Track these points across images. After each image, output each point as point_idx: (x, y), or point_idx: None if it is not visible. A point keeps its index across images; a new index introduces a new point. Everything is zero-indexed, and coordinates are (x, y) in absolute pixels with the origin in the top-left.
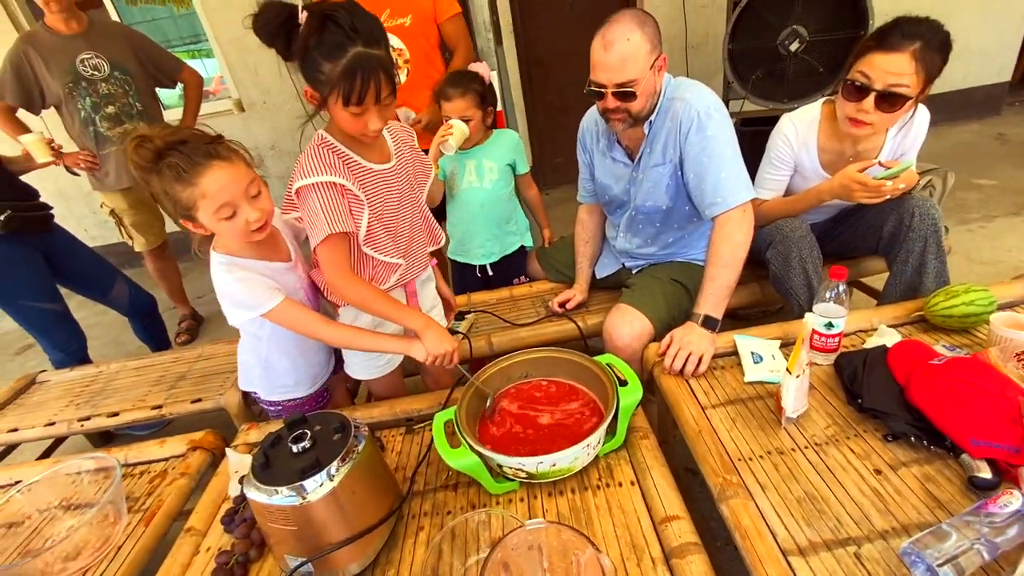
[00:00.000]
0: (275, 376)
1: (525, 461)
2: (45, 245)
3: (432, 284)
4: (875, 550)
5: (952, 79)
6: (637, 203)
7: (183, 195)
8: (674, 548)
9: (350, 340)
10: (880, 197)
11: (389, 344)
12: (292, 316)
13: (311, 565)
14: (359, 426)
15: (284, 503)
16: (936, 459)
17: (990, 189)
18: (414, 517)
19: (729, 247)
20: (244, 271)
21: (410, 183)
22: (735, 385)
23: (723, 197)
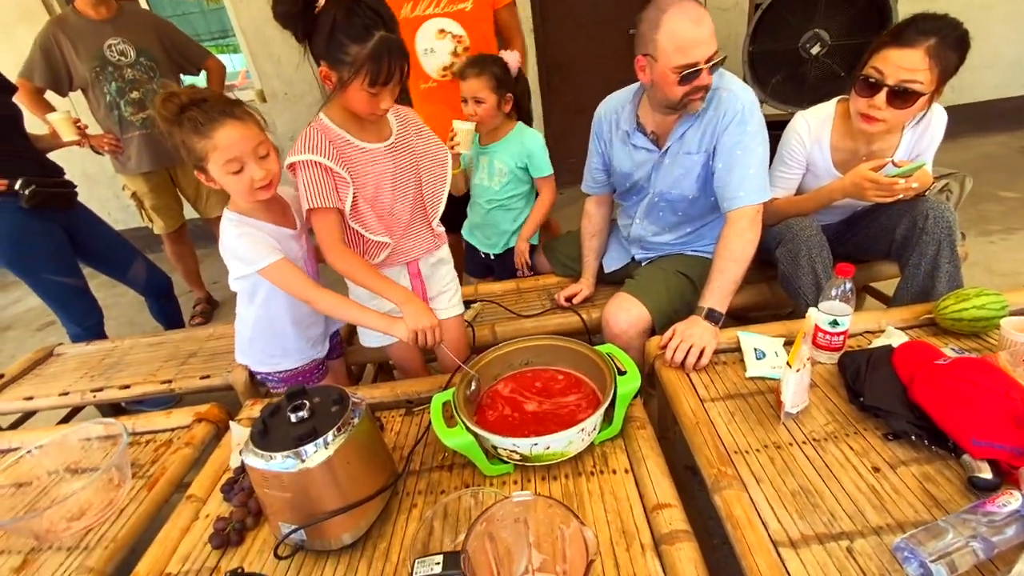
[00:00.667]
0: (266, 344)
1: (519, 443)
2: (68, 222)
3: (445, 268)
4: (868, 545)
5: (981, 89)
6: (660, 190)
7: (198, 146)
8: (664, 535)
9: (338, 309)
10: (893, 196)
11: (373, 320)
12: (286, 276)
13: (304, 533)
14: (358, 401)
15: (280, 469)
16: (936, 459)
17: (1013, 202)
18: (408, 494)
19: (741, 243)
20: (250, 228)
21: (411, 163)
22: (736, 380)
23: (746, 192)
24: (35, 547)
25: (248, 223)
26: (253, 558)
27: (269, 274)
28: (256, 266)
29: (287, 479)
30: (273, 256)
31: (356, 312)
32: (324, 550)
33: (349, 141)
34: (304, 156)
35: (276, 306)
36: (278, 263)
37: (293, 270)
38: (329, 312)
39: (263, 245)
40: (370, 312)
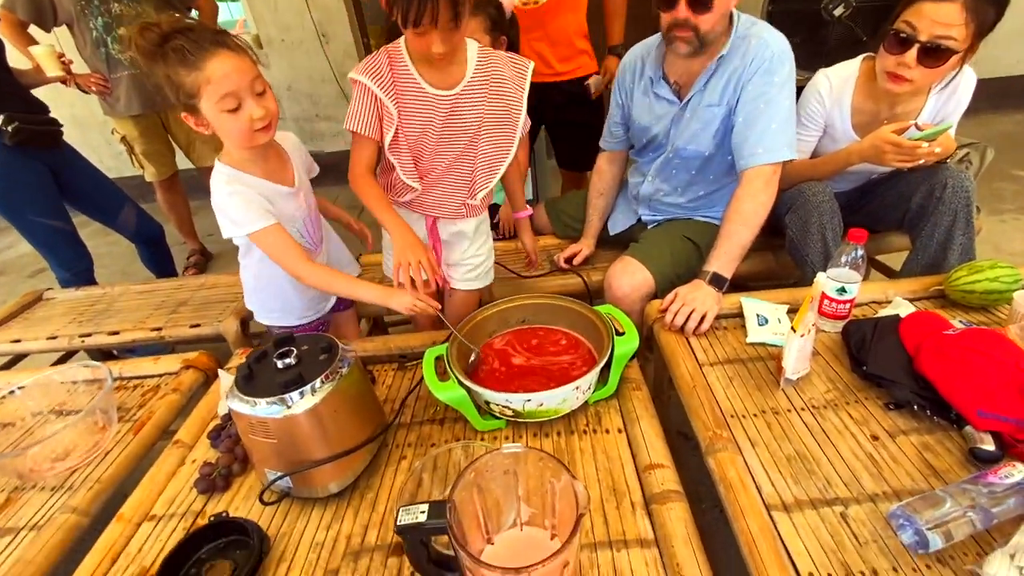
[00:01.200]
0: (265, 298)
1: (512, 398)
2: (53, 161)
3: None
4: (862, 512)
5: (1004, 64)
6: (678, 145)
7: (187, 80)
8: (655, 494)
9: (327, 283)
10: (913, 161)
11: (366, 291)
12: (275, 244)
13: (290, 480)
14: (347, 350)
15: (265, 414)
16: (937, 430)
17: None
18: (398, 446)
19: (753, 205)
20: (242, 186)
21: (470, 121)
22: (736, 346)
23: (765, 148)
24: (18, 486)
25: (241, 179)
26: (239, 503)
27: (258, 239)
28: (245, 229)
29: (272, 425)
30: (264, 221)
31: (348, 285)
32: (310, 498)
33: (412, 77)
34: (358, 76)
35: (273, 264)
36: (269, 229)
37: (284, 239)
38: (318, 286)
39: (255, 207)
40: (362, 283)
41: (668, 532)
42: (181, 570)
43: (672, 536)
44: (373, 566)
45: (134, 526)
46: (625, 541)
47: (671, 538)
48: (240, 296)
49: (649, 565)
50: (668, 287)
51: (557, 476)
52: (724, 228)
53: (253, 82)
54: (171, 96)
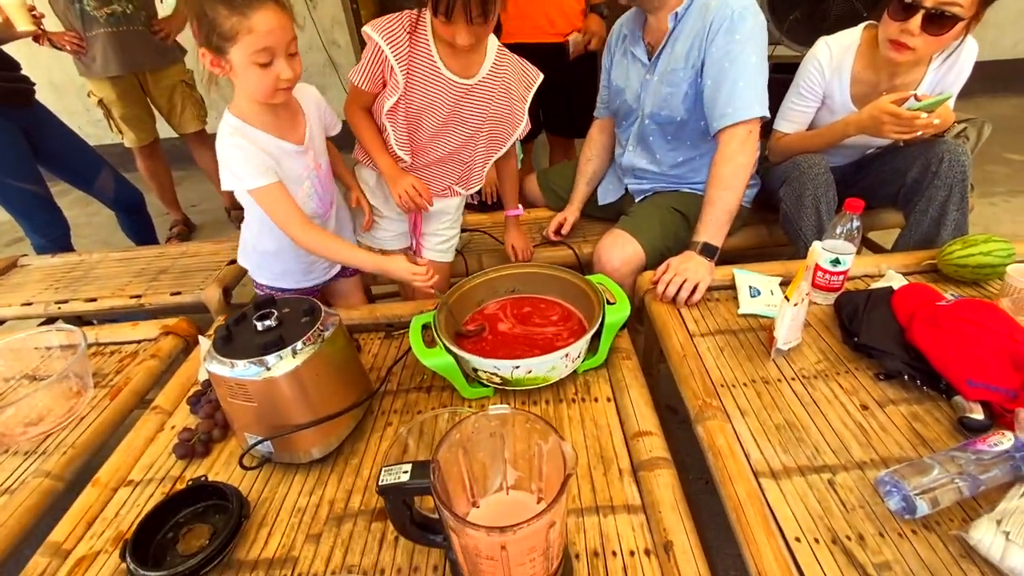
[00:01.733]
0: (262, 259)
1: (500, 364)
2: (26, 121)
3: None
4: (850, 479)
5: (1000, 47)
6: (649, 111)
7: (227, 22)
8: (643, 461)
9: (324, 248)
10: (911, 132)
11: (364, 259)
12: (274, 203)
13: (271, 445)
14: (331, 314)
15: (243, 376)
16: (926, 400)
17: (1020, 165)
18: (384, 413)
19: (731, 168)
20: (245, 140)
21: (474, 117)
22: (728, 317)
23: (734, 108)
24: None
25: (245, 132)
26: (219, 469)
27: (257, 196)
28: (244, 184)
29: (252, 388)
30: (265, 178)
31: (346, 252)
32: (293, 463)
33: (430, 55)
34: (374, 34)
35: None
36: (270, 187)
37: (284, 199)
38: (315, 251)
39: (257, 163)
40: (360, 251)
41: (655, 498)
42: (158, 534)
43: (659, 502)
44: (356, 530)
45: (110, 491)
46: (612, 507)
47: (658, 504)
48: (222, 264)
49: (636, 530)
50: (658, 260)
51: (544, 438)
52: (707, 195)
53: (290, 43)
54: (200, 30)
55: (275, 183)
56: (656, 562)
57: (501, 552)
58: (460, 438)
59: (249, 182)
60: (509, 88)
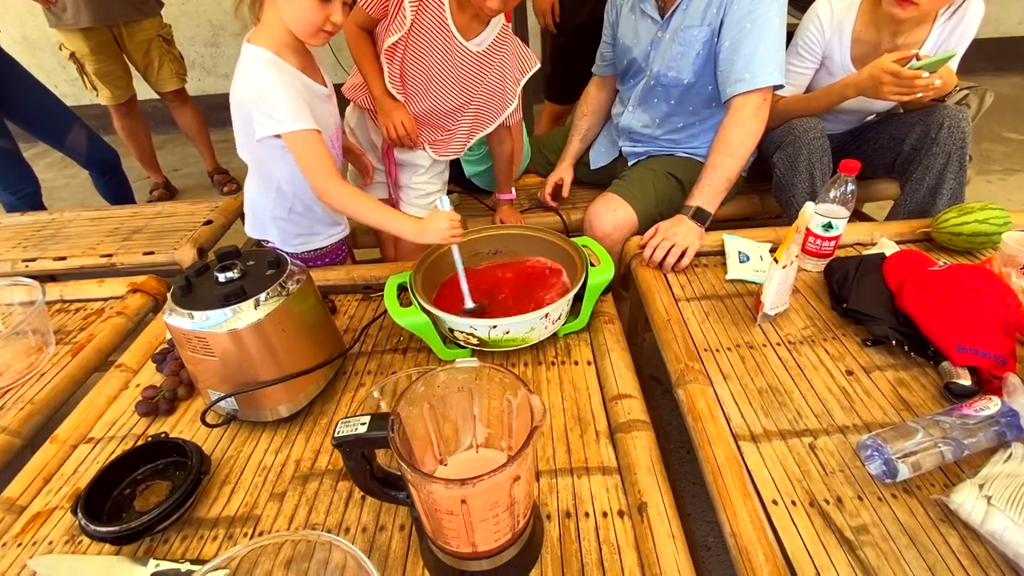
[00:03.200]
0: (290, 221)
1: (477, 324)
2: None
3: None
4: (831, 443)
5: (1006, 24)
6: (657, 71)
7: None
8: (621, 423)
9: (354, 206)
10: (912, 93)
11: (400, 223)
12: (312, 152)
13: (235, 402)
14: (299, 268)
15: (204, 328)
16: (913, 366)
17: (1017, 144)
18: (357, 374)
19: (740, 135)
20: (290, 76)
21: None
22: (715, 282)
23: (752, 73)
24: None
25: (282, 67)
26: (183, 427)
27: (295, 142)
28: (284, 126)
29: (212, 342)
30: (306, 121)
31: (379, 212)
32: (259, 421)
33: (442, 6)
34: None
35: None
36: (310, 133)
37: (322, 147)
38: (344, 209)
39: (299, 102)
40: (395, 212)
41: (632, 460)
42: (115, 490)
43: (635, 464)
44: (322, 489)
45: (69, 448)
46: (587, 468)
47: (634, 466)
48: (198, 225)
49: (610, 491)
50: (651, 225)
51: (514, 392)
52: (709, 160)
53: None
54: None
55: (315, 128)
56: (629, 523)
57: (461, 506)
58: (426, 391)
59: (292, 124)
60: (505, 65)
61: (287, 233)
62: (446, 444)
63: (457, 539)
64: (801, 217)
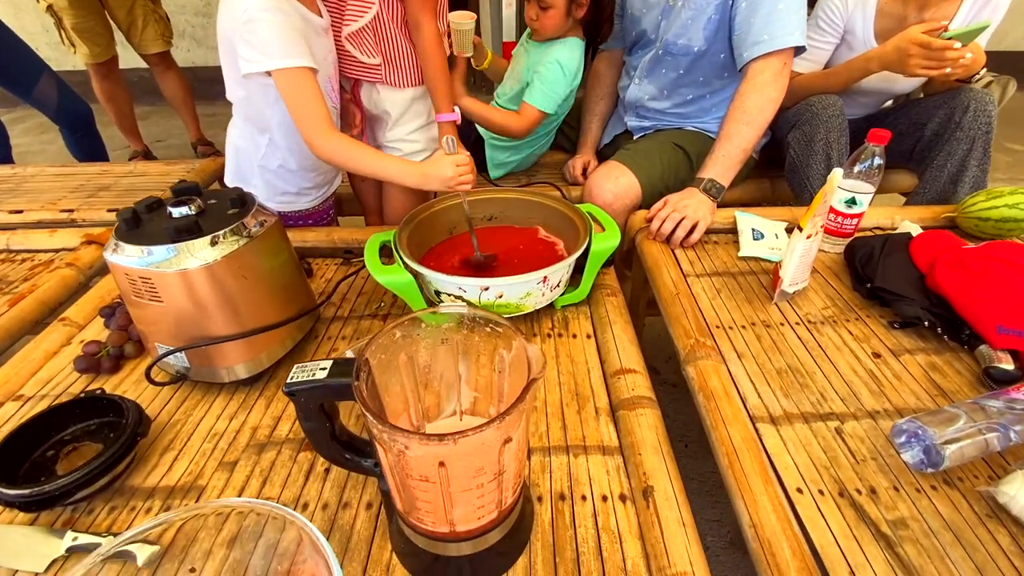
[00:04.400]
0: (279, 175)
1: (467, 284)
2: None
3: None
4: (860, 428)
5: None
6: (667, 39)
7: None
8: (624, 400)
9: (347, 156)
10: (940, 67)
11: (400, 169)
12: (303, 93)
13: (186, 359)
14: (266, 210)
15: (148, 265)
16: (946, 350)
17: (1020, 154)
18: (330, 339)
19: (758, 101)
20: (279, 1)
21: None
22: (726, 260)
23: (771, 35)
24: None
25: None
26: (127, 388)
27: (284, 81)
28: (271, 62)
29: (160, 283)
30: (301, 58)
31: (375, 160)
32: (214, 382)
33: None
34: None
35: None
36: (304, 71)
37: (314, 89)
38: (335, 160)
39: (291, 36)
40: (393, 158)
41: (636, 439)
42: (37, 451)
43: (640, 444)
44: (280, 460)
45: None
46: (585, 447)
47: (639, 446)
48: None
49: (611, 473)
50: (655, 197)
51: (507, 344)
52: (724, 129)
53: None
54: None
55: (308, 67)
56: (632, 509)
57: (439, 471)
58: (403, 340)
59: (279, 60)
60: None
61: (273, 188)
62: (426, 407)
63: (433, 514)
64: (829, 183)
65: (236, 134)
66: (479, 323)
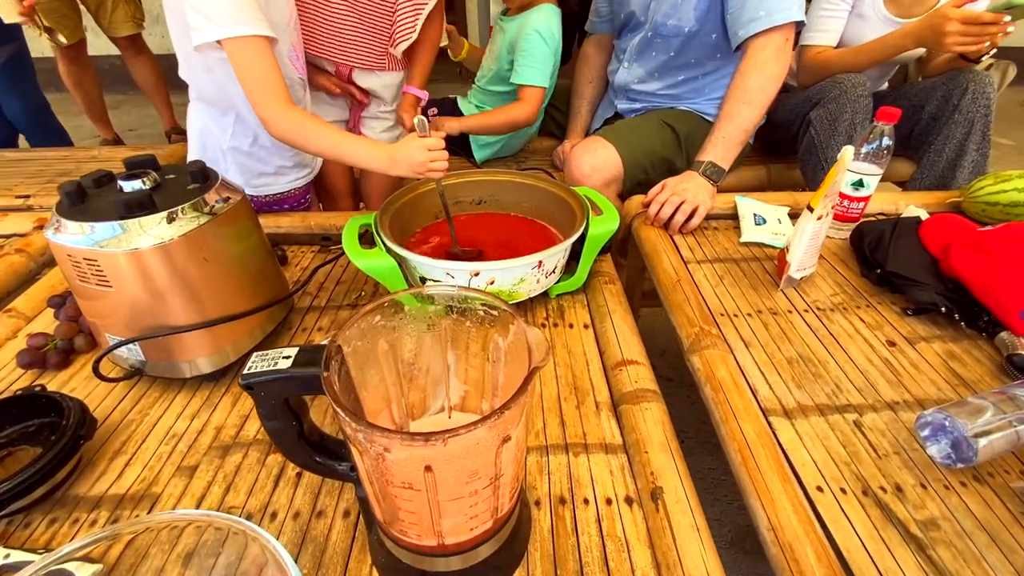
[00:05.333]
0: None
1: (455, 268)
2: None
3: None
4: (880, 420)
5: None
6: (656, 21)
7: None
8: (626, 393)
9: (303, 134)
10: (978, 43)
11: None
12: (256, 64)
13: (140, 351)
14: (232, 186)
15: (92, 246)
16: (963, 338)
17: (1006, 148)
18: (305, 330)
19: (759, 80)
20: None
21: None
22: (728, 246)
23: (768, 10)
24: None
25: None
26: (77, 385)
27: (235, 50)
28: (220, 30)
29: (107, 266)
30: (255, 26)
31: (340, 140)
32: (174, 377)
33: None
34: None
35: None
36: (255, 41)
37: (268, 60)
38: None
39: (250, 5)
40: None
41: (641, 436)
42: None
43: (646, 440)
44: (246, 463)
45: None
46: (585, 445)
47: (644, 443)
48: None
49: (615, 473)
50: (638, 173)
51: (504, 330)
52: (724, 109)
53: None
54: None
55: (263, 36)
56: (640, 513)
57: (425, 476)
58: (383, 324)
59: (228, 27)
60: None
61: (248, 171)
62: (410, 404)
63: (418, 526)
64: (841, 161)
65: (197, 118)
66: (471, 305)
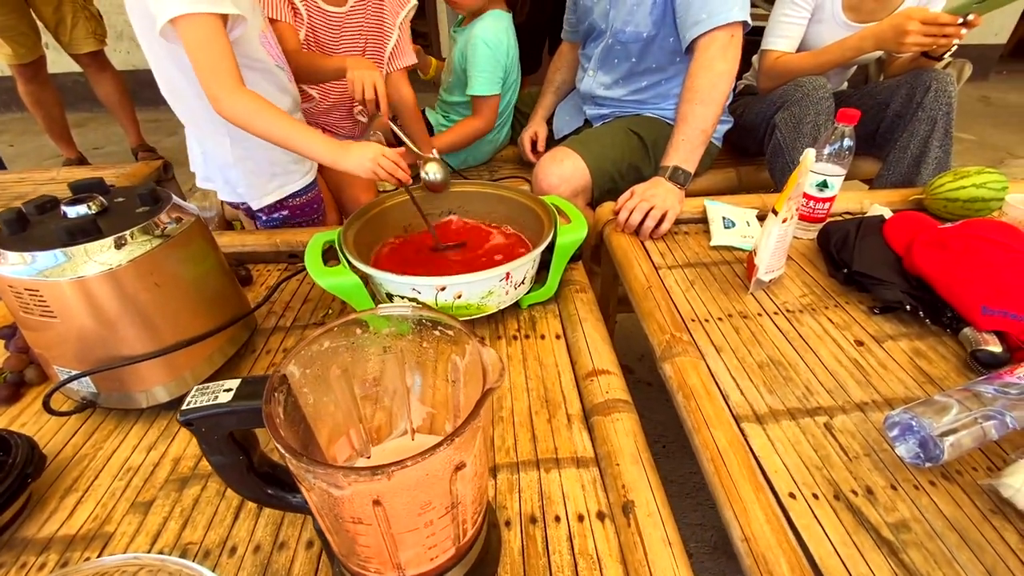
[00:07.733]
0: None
1: (420, 284)
2: None
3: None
4: (850, 422)
5: None
6: (616, 27)
7: None
8: (598, 404)
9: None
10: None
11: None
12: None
13: (91, 383)
14: (186, 206)
15: (34, 276)
16: (929, 335)
17: (968, 143)
18: (269, 352)
19: (708, 78)
20: None
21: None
22: (698, 250)
23: (710, 13)
24: None
25: None
26: (27, 420)
27: (187, 29)
28: (176, 7)
29: (51, 296)
30: (209, 4)
31: (288, 128)
32: (129, 408)
33: None
34: None
35: None
36: (206, 19)
37: (219, 37)
38: (241, 119)
39: None
40: (308, 131)
41: (613, 448)
42: None
43: (617, 453)
44: (205, 496)
45: None
46: (557, 459)
47: (616, 455)
48: None
49: (587, 487)
50: (606, 182)
51: (460, 350)
52: (679, 112)
53: None
54: None
55: (217, 15)
56: (612, 528)
57: (375, 511)
58: (334, 350)
59: (181, 5)
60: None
61: (260, 176)
62: (375, 428)
63: (376, 559)
64: (803, 164)
65: (196, 147)
66: (426, 326)
